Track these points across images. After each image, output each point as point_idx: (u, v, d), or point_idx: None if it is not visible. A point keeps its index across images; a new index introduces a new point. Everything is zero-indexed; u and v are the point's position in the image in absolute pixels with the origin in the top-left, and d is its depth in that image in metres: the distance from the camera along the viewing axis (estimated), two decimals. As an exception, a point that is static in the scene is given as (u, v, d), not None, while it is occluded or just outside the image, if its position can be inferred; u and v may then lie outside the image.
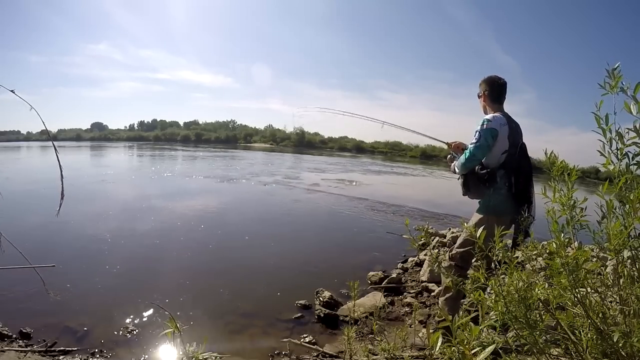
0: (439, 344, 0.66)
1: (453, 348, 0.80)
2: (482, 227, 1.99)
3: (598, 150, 1.05)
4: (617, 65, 1.02)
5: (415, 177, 16.57)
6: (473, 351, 0.69)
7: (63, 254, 3.97)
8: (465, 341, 0.75)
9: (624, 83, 1.01)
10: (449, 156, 2.49)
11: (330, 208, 7.56)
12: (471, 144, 2.15)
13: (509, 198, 2.08)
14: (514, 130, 2.16)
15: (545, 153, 1.18)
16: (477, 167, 2.15)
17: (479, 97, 2.33)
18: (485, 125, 2.10)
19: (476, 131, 2.14)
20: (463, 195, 2.28)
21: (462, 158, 2.18)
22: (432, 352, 0.70)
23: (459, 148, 2.43)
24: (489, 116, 2.15)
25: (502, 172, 2.10)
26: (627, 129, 1.02)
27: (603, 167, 1.06)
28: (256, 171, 14.79)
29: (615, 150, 1.03)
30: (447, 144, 2.53)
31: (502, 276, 1.21)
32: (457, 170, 2.26)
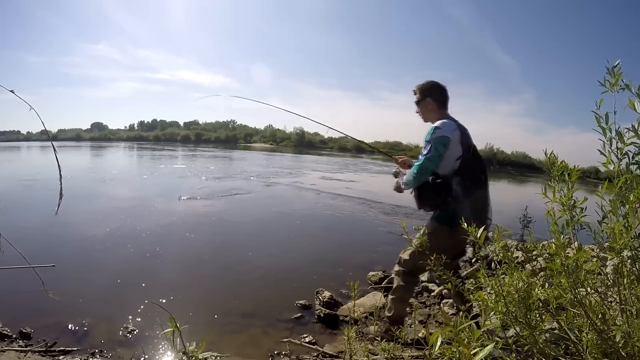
0: (439, 343, 0.66)
1: (453, 349, 0.80)
2: (436, 237, 2.03)
3: (598, 150, 1.04)
4: (617, 62, 1.02)
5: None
6: (473, 351, 0.69)
7: (62, 253, 3.97)
8: (465, 340, 0.75)
9: (624, 81, 1.01)
10: (394, 170, 2.37)
11: (330, 208, 7.56)
12: (422, 155, 2.04)
13: (467, 206, 1.95)
14: (465, 134, 2.07)
15: (545, 153, 1.17)
16: (430, 177, 2.05)
17: (419, 104, 2.20)
18: (435, 134, 1.99)
19: (426, 141, 2.02)
20: (418, 208, 2.18)
21: (414, 171, 2.06)
22: (432, 351, 0.70)
23: (406, 164, 2.33)
24: (437, 123, 2.03)
25: (457, 179, 2.00)
26: (627, 128, 1.01)
27: (603, 166, 1.05)
28: (256, 171, 14.79)
29: (616, 150, 1.03)
30: (394, 158, 2.43)
31: (502, 276, 1.21)
32: (404, 186, 2.15)
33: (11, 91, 1.38)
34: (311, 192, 9.60)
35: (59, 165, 1.38)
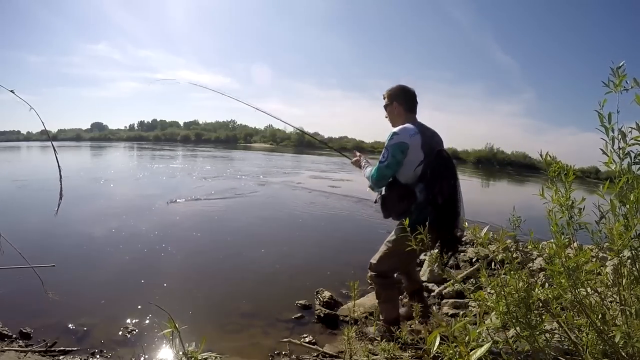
0: (437, 343, 0.67)
1: (451, 350, 0.80)
2: (399, 243, 2.02)
3: (600, 149, 1.05)
4: (621, 63, 1.02)
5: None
6: (472, 352, 0.69)
7: (62, 253, 3.97)
8: (463, 339, 0.75)
9: (628, 82, 1.01)
10: (355, 159, 2.36)
11: (330, 208, 7.56)
12: (379, 161, 2.01)
13: (432, 214, 1.88)
14: (429, 137, 2.03)
15: (541, 154, 1.18)
16: (393, 185, 2.03)
17: (386, 108, 2.18)
18: (393, 140, 1.96)
19: (384, 147, 1.99)
20: (385, 218, 2.17)
21: (373, 176, 2.04)
22: (431, 351, 0.70)
23: (358, 164, 2.33)
24: (396, 129, 2.00)
25: (421, 186, 1.95)
26: (631, 127, 1.01)
27: (605, 165, 1.05)
28: (255, 171, 14.79)
29: (618, 150, 1.03)
30: (351, 161, 2.42)
31: (503, 276, 1.21)
32: (368, 187, 2.15)
33: (11, 91, 1.38)
34: (311, 192, 9.60)
35: (59, 166, 1.38)
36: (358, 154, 2.39)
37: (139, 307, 2.77)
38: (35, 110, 1.38)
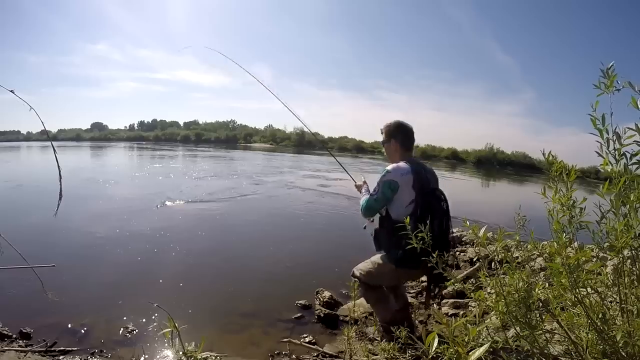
0: (435, 344, 0.67)
1: (450, 350, 0.80)
2: (379, 268, 2.16)
3: (596, 151, 1.05)
4: (611, 64, 1.03)
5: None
6: (471, 352, 0.69)
7: (62, 254, 3.97)
8: (463, 339, 0.75)
9: (618, 82, 1.01)
10: (359, 184, 2.51)
11: (330, 208, 7.56)
12: (370, 194, 2.13)
13: (421, 251, 1.93)
14: (422, 176, 2.09)
15: (543, 153, 1.18)
16: (385, 220, 2.12)
17: (384, 144, 2.28)
18: (385, 177, 2.06)
19: (377, 182, 2.11)
20: (376, 251, 2.27)
21: (362, 206, 2.16)
22: (430, 351, 0.70)
23: (359, 189, 2.47)
24: (390, 167, 2.09)
25: (412, 224, 1.97)
26: (629, 128, 1.01)
27: (601, 167, 1.06)
28: (255, 171, 14.79)
29: (613, 151, 1.03)
30: (355, 184, 2.58)
31: (503, 276, 1.21)
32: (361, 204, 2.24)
33: (11, 91, 1.38)
34: (311, 192, 9.60)
35: (58, 166, 1.38)
36: (363, 180, 2.52)
37: (139, 307, 2.76)
38: (35, 110, 1.38)
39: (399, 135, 2.21)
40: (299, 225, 6.12)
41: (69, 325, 2.48)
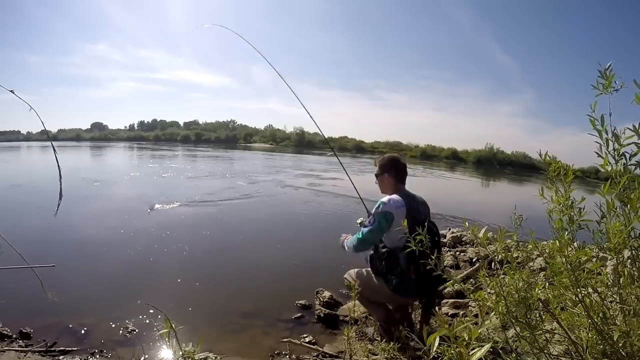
0: (436, 344, 0.67)
1: (451, 350, 0.80)
2: (372, 284, 2.21)
3: (595, 152, 1.05)
4: (608, 65, 1.03)
5: (415, 177, 16.55)
6: (472, 352, 0.69)
7: (62, 254, 3.97)
8: (464, 339, 0.75)
9: (616, 82, 1.01)
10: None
11: (330, 207, 7.56)
12: (365, 226, 2.17)
13: (413, 281, 2.05)
14: (415, 209, 2.16)
15: (540, 154, 1.18)
16: (379, 246, 2.16)
17: (377, 177, 2.34)
18: (380, 209, 2.10)
19: (372, 214, 2.15)
20: (374, 275, 2.28)
21: (358, 237, 2.17)
22: (430, 351, 0.70)
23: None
24: (385, 199, 2.14)
25: (404, 255, 2.03)
26: (628, 128, 1.01)
27: (601, 167, 1.06)
28: (255, 171, 14.79)
29: (612, 151, 1.03)
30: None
31: (503, 276, 1.21)
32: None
33: (11, 91, 1.38)
34: (311, 192, 9.60)
35: (58, 166, 1.38)
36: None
37: (139, 307, 2.76)
38: (35, 110, 1.38)
39: (392, 170, 2.28)
40: (298, 224, 6.12)
41: (69, 325, 2.48)
